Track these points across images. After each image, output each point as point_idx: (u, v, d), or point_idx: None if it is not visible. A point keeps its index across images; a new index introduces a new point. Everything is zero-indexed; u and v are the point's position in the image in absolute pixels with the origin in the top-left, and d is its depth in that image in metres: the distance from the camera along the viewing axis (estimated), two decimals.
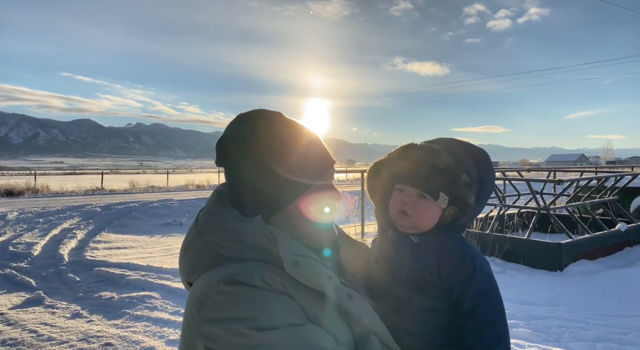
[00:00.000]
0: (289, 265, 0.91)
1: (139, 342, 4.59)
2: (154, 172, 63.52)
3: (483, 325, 1.13)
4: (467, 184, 1.16)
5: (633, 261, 7.50)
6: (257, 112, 1.07)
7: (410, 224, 1.22)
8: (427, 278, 1.17)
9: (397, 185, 1.25)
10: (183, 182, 30.86)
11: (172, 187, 27.95)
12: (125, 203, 15.70)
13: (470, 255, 1.19)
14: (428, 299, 1.18)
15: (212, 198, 1.06)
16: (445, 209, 1.19)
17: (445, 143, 1.24)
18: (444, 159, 1.17)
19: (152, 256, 8.76)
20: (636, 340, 4.35)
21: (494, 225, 8.28)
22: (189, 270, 1.01)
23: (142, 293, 6.14)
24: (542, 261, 6.94)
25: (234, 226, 0.96)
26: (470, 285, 1.14)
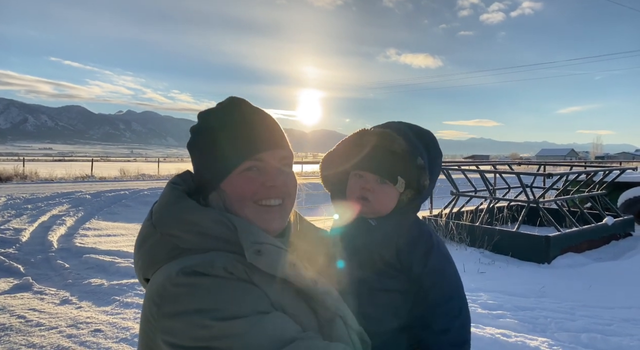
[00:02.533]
0: (250, 253, 0.89)
1: (128, 329, 4.60)
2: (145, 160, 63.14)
3: (442, 299, 1.18)
4: (422, 167, 1.20)
5: (619, 254, 7.63)
6: (213, 107, 1.10)
7: (371, 209, 1.25)
8: (386, 258, 1.22)
9: (355, 171, 1.27)
10: (174, 170, 30.64)
11: (163, 176, 27.81)
12: (115, 191, 15.61)
13: (426, 234, 1.24)
14: (388, 280, 1.22)
15: (166, 190, 1.04)
16: (403, 193, 1.25)
17: (396, 127, 1.26)
18: (400, 143, 1.20)
19: None
20: (619, 330, 4.44)
21: (484, 218, 8.35)
22: (145, 265, 0.98)
23: (132, 280, 6.13)
24: (531, 253, 7.03)
25: (191, 217, 0.94)
26: (428, 262, 1.20)
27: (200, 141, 1.06)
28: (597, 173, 9.52)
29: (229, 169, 1.02)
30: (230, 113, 1.06)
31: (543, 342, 4.13)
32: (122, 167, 30.72)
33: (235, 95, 1.27)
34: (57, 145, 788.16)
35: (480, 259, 7.04)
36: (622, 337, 4.27)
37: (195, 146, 1.06)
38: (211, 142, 1.04)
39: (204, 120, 1.07)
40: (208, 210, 0.97)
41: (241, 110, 1.07)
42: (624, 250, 7.90)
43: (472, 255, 7.28)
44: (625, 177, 10.54)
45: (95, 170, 27.42)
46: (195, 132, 1.08)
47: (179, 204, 0.98)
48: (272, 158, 1.05)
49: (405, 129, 1.26)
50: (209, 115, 1.08)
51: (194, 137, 1.08)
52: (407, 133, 1.24)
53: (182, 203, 0.98)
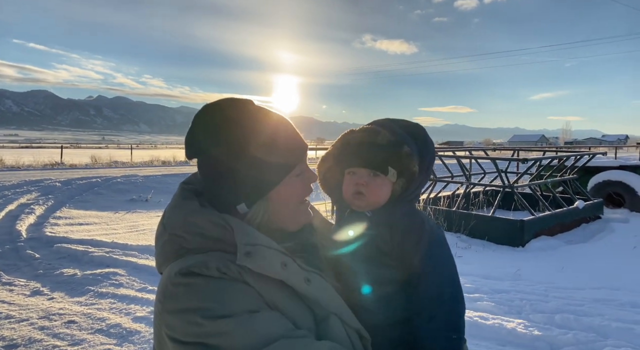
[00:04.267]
0: (241, 255, 0.92)
1: (104, 320, 4.49)
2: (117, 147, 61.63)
3: (433, 285, 1.19)
4: (408, 154, 1.24)
5: (589, 237, 7.88)
6: (226, 101, 1.06)
7: (367, 202, 1.28)
8: (382, 247, 1.23)
9: (348, 169, 1.31)
10: (148, 157, 30.10)
11: (136, 163, 27.26)
12: (87, 178, 15.18)
13: (419, 220, 1.25)
14: (385, 271, 1.23)
15: (177, 191, 1.08)
16: (395, 182, 1.28)
17: (380, 123, 1.33)
18: (384, 135, 1.25)
19: (117, 232, 8.55)
20: (590, 311, 4.59)
21: (460, 203, 8.48)
22: (158, 261, 1.05)
23: (107, 270, 6.00)
24: (506, 237, 7.18)
25: (192, 219, 0.97)
26: (420, 248, 1.21)
27: (242, 153, 1.00)
28: (569, 158, 9.76)
29: (282, 175, 1.05)
30: (264, 116, 1.05)
31: (519, 323, 4.24)
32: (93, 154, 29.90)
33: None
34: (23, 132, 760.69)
35: (457, 243, 7.16)
36: (594, 317, 4.41)
37: (235, 159, 1.00)
38: (265, 150, 1.01)
39: (237, 129, 1.01)
40: (207, 212, 0.99)
41: (265, 112, 1.07)
42: (594, 232, 8.16)
43: (449, 240, 7.16)
44: (595, 162, 10.85)
45: (65, 158, 26.63)
46: (229, 145, 1.00)
47: (184, 207, 1.01)
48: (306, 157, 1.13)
49: (389, 123, 1.33)
50: (238, 124, 1.02)
51: (229, 150, 1.00)
52: (390, 126, 1.30)
53: (187, 206, 1.01)
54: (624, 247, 7.02)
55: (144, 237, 8.08)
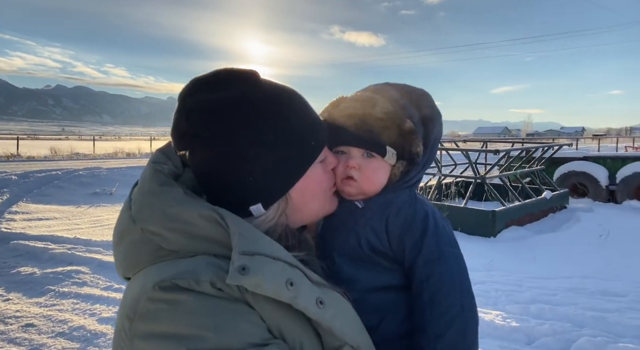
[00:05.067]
0: (234, 272, 0.69)
1: (66, 322, 4.22)
2: (79, 138, 59.43)
3: (440, 295, 0.97)
4: (411, 131, 1.02)
5: (557, 226, 8.07)
6: (226, 74, 0.86)
7: (359, 189, 1.05)
8: (375, 246, 1.02)
9: (336, 148, 1.07)
10: (111, 149, 29.18)
11: (99, 155, 26.41)
12: (46, 171, 14.48)
13: (422, 212, 1.04)
14: (380, 274, 1.03)
15: (148, 172, 0.84)
16: (394, 165, 1.05)
17: (378, 89, 1.09)
18: (383, 105, 1.02)
19: (80, 228, 8.16)
20: (564, 300, 4.65)
21: (433, 194, 8.51)
22: (125, 265, 0.82)
23: (69, 268, 5.68)
24: (478, 228, 7.25)
25: (176, 211, 0.76)
26: (422, 248, 1.00)
27: (256, 140, 0.83)
28: (537, 149, 9.96)
29: (307, 164, 0.89)
30: (278, 91, 0.88)
31: (497, 315, 4.24)
32: (52, 145, 28.63)
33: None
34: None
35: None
36: (567, 306, 4.47)
37: (246, 149, 0.82)
38: (284, 135, 0.85)
39: (247, 111, 0.83)
40: (197, 203, 0.78)
41: (276, 86, 0.90)
42: (561, 222, 8.36)
43: None
44: (560, 153, 11.13)
45: (22, 149, 25.35)
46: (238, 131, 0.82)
47: (163, 195, 0.79)
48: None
49: (388, 89, 1.08)
50: (248, 103, 0.83)
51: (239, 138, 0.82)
52: (390, 93, 1.06)
53: (166, 193, 0.79)
54: (590, 236, 7.21)
55: (108, 232, 7.72)
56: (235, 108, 0.82)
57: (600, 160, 10.76)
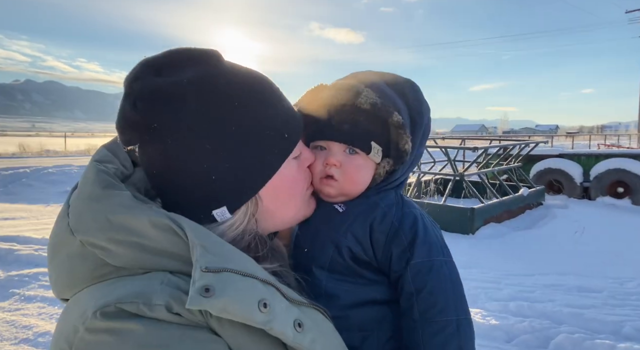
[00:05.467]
0: (194, 293, 0.57)
1: (31, 327, 4.01)
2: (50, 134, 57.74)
3: (433, 311, 0.87)
4: (399, 126, 0.91)
5: (533, 223, 8.17)
6: (186, 53, 0.74)
7: (340, 189, 0.95)
8: (358, 255, 0.92)
9: (314, 143, 0.97)
10: (84, 146, 28.44)
11: (71, 152, 25.68)
12: (13, 168, 13.95)
13: (410, 217, 0.93)
14: (363, 287, 0.92)
15: (89, 173, 0.71)
16: (379, 164, 0.95)
17: (362, 78, 0.98)
18: (368, 96, 0.91)
19: (49, 228, 7.78)
20: (542, 297, 4.69)
21: (412, 191, 8.51)
22: (60, 284, 0.70)
23: (36, 270, 5.44)
24: (457, 225, 7.28)
25: (122, 219, 0.64)
26: (411, 257, 0.89)
27: (220, 132, 0.71)
28: (514, 147, 10.08)
29: (280, 160, 0.78)
30: (244, 75, 0.77)
31: (477, 313, 4.22)
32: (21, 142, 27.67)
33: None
34: None
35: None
36: (545, 303, 4.50)
37: (208, 143, 0.70)
38: (254, 126, 0.74)
39: (209, 97, 0.71)
40: (148, 209, 0.66)
41: (241, 69, 0.79)
42: (537, 219, 8.47)
43: None
44: (536, 150, 11.31)
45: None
46: (199, 120, 0.70)
47: (107, 200, 0.66)
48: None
49: (373, 77, 0.97)
50: (210, 88, 0.71)
51: (199, 128, 0.70)
52: (375, 82, 0.95)
53: (111, 198, 0.66)
54: (566, 233, 7.32)
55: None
56: (192, 94, 0.70)
57: (575, 157, 10.96)
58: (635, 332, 3.90)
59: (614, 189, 10.08)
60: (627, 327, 3.96)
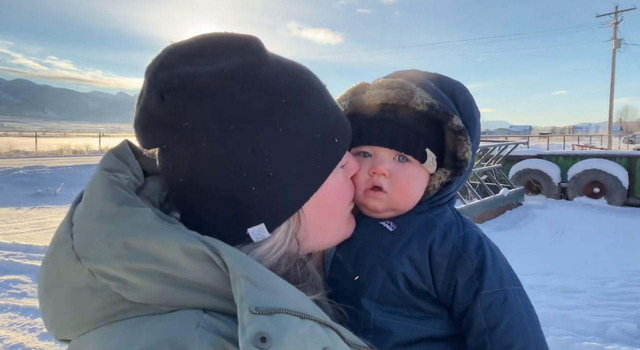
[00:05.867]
0: (247, 343, 0.46)
1: (1, 339, 3.85)
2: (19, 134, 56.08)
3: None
4: (460, 131, 0.80)
5: (514, 223, 8.27)
6: (222, 40, 0.63)
7: (387, 204, 0.83)
8: (415, 284, 0.79)
9: (357, 148, 0.85)
10: (56, 146, 27.78)
11: (42, 152, 25.09)
12: None
13: (474, 238, 0.82)
14: (420, 322, 0.80)
15: (99, 185, 0.60)
16: (434, 174, 0.84)
17: (410, 76, 0.87)
18: (423, 96, 0.80)
19: (19, 232, 7.66)
20: None
21: None
22: (61, 323, 0.57)
23: (6, 277, 5.24)
24: None
25: (145, 244, 0.53)
26: (481, 287, 0.77)
27: (263, 137, 0.60)
28: (495, 147, 10.21)
29: (329, 169, 0.67)
30: (291, 69, 0.66)
31: None
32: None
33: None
34: None
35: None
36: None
37: (250, 148, 0.59)
38: (303, 129, 0.63)
39: (251, 94, 0.60)
40: (177, 232, 0.54)
41: (286, 62, 0.67)
42: (518, 219, 8.58)
43: None
44: (515, 151, 11.48)
45: None
46: (239, 122, 0.59)
47: (126, 219, 0.55)
48: None
49: (422, 77, 0.87)
50: (254, 83, 0.60)
51: (239, 132, 0.59)
52: (426, 83, 0.85)
53: (129, 216, 0.55)
54: (547, 233, 7.43)
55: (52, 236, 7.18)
56: (232, 86, 0.59)
57: (553, 158, 11.20)
58: (620, 333, 3.95)
59: (590, 189, 10.32)
60: (612, 328, 4.00)
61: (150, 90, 0.59)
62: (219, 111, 0.58)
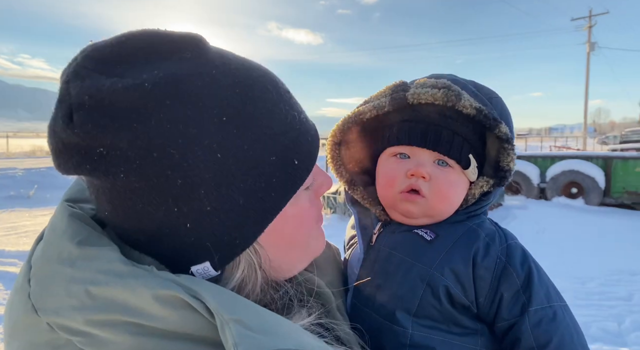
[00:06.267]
0: None
1: None
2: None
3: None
4: (507, 139, 0.77)
5: None
6: (154, 39, 0.52)
7: (424, 209, 0.79)
8: (457, 298, 0.74)
9: (394, 148, 0.81)
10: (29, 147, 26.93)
11: (14, 154, 24.39)
12: None
13: (518, 251, 0.78)
14: (460, 338, 0.75)
15: (59, 218, 0.53)
16: (475, 182, 0.80)
17: (453, 79, 0.83)
18: (470, 101, 0.75)
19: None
20: None
21: None
22: None
23: None
24: None
25: (110, 292, 0.45)
26: (528, 303, 0.73)
27: (207, 159, 0.50)
28: None
29: (288, 194, 0.56)
30: (241, 74, 0.55)
31: None
32: None
33: None
34: None
35: None
36: None
37: (191, 173, 0.49)
38: (253, 150, 0.52)
39: (189, 108, 0.49)
40: (149, 275, 0.46)
41: (238, 62, 0.56)
42: (499, 220, 8.38)
43: None
44: None
45: None
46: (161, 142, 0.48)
47: (87, 263, 0.47)
48: None
49: (464, 82, 0.83)
50: (189, 90, 0.49)
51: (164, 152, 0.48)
52: (468, 87, 0.81)
53: (92, 260, 0.47)
54: (528, 234, 7.50)
55: (25, 240, 7.04)
56: (159, 104, 0.48)
57: (532, 159, 11.37)
58: (601, 333, 3.99)
59: (568, 189, 10.51)
60: (594, 328, 4.05)
61: (60, 106, 0.49)
62: (140, 135, 0.47)
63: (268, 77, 0.58)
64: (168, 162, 0.48)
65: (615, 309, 4.53)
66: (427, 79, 0.82)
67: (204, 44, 0.54)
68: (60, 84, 0.50)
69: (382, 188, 0.83)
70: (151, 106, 0.47)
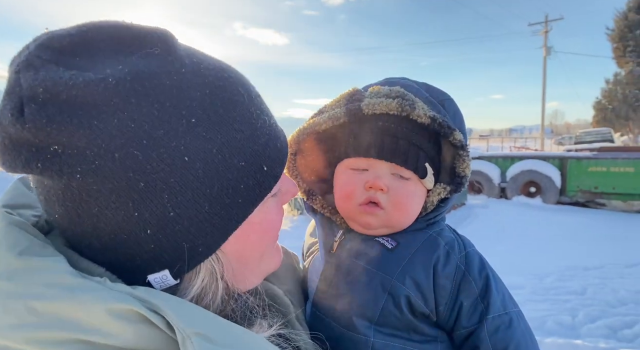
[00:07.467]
0: None
1: None
2: None
3: None
4: (462, 146, 0.77)
5: (458, 223, 8.55)
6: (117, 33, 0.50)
7: (383, 221, 0.79)
8: (417, 306, 0.75)
9: (351, 160, 0.81)
10: None
11: None
12: None
13: (476, 259, 0.79)
14: (420, 346, 0.76)
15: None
16: (432, 190, 0.81)
17: (406, 84, 0.83)
18: (424, 108, 0.75)
19: None
20: None
21: None
22: None
23: None
24: None
25: (56, 308, 0.42)
26: (486, 311, 0.74)
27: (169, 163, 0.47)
28: None
29: (254, 202, 0.53)
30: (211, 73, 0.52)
31: None
32: None
33: None
34: None
35: None
36: None
37: (139, 171, 0.46)
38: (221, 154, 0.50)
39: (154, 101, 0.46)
40: (99, 288, 0.43)
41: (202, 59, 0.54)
42: (462, 219, 8.88)
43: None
44: None
45: None
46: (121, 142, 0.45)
47: (28, 276, 0.43)
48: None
49: (417, 87, 0.83)
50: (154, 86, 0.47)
51: (124, 152, 0.45)
52: (421, 93, 0.81)
53: (35, 273, 0.43)
54: (489, 232, 7.73)
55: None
56: (122, 101, 0.45)
57: (493, 159, 11.73)
58: (556, 327, 4.16)
59: (527, 188, 10.90)
60: (550, 322, 4.21)
61: (8, 97, 0.45)
62: (101, 133, 0.44)
63: (239, 80, 0.56)
64: (130, 164, 0.45)
65: (569, 303, 4.72)
66: (380, 86, 0.81)
67: (173, 41, 0.51)
68: (9, 74, 0.46)
69: (340, 200, 0.82)
70: (114, 103, 0.44)
